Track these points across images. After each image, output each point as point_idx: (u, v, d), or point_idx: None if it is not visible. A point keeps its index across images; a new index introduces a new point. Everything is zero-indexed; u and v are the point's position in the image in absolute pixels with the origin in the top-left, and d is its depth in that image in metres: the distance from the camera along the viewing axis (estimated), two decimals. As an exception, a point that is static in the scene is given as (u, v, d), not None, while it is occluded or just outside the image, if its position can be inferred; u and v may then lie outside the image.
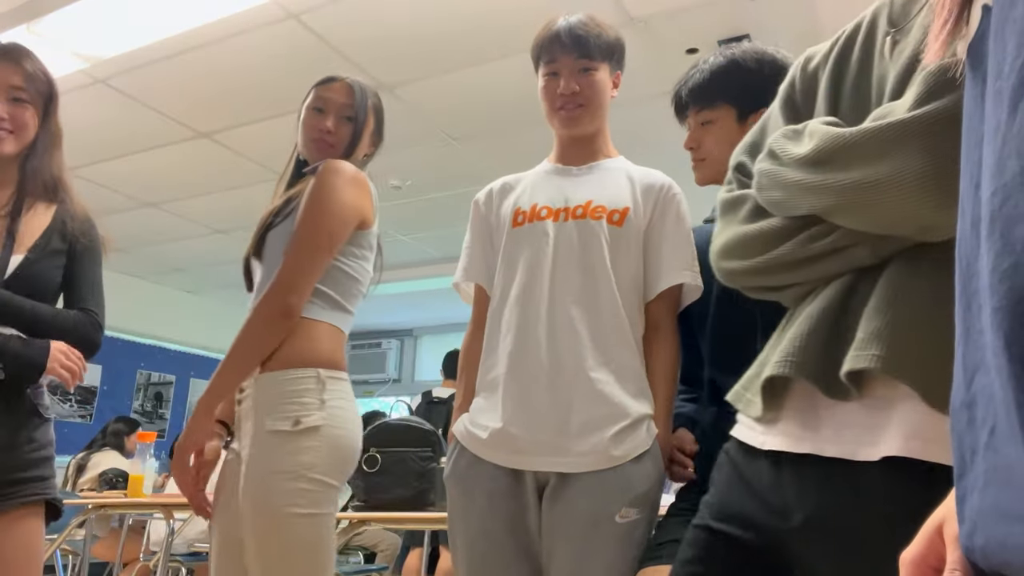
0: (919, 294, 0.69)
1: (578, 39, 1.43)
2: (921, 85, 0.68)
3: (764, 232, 0.79)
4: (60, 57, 3.43)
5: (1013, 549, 0.36)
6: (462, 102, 3.80)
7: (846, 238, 0.72)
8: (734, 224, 0.84)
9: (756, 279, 0.83)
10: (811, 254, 0.75)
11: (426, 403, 4.33)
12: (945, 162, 0.64)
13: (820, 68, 0.88)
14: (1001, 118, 0.37)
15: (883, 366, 0.67)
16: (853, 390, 0.70)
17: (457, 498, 1.37)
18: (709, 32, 3.08)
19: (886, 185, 0.67)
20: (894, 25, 0.80)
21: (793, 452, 0.75)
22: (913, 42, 0.75)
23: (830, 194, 0.71)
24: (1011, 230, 0.35)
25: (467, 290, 1.58)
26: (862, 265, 0.73)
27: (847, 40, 0.86)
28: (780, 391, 0.78)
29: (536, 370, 1.34)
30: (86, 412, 6.62)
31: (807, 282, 0.78)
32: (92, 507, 3.11)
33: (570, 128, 1.48)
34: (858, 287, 0.73)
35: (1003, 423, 0.37)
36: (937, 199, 0.65)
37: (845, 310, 0.73)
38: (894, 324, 0.68)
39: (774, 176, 0.78)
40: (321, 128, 1.63)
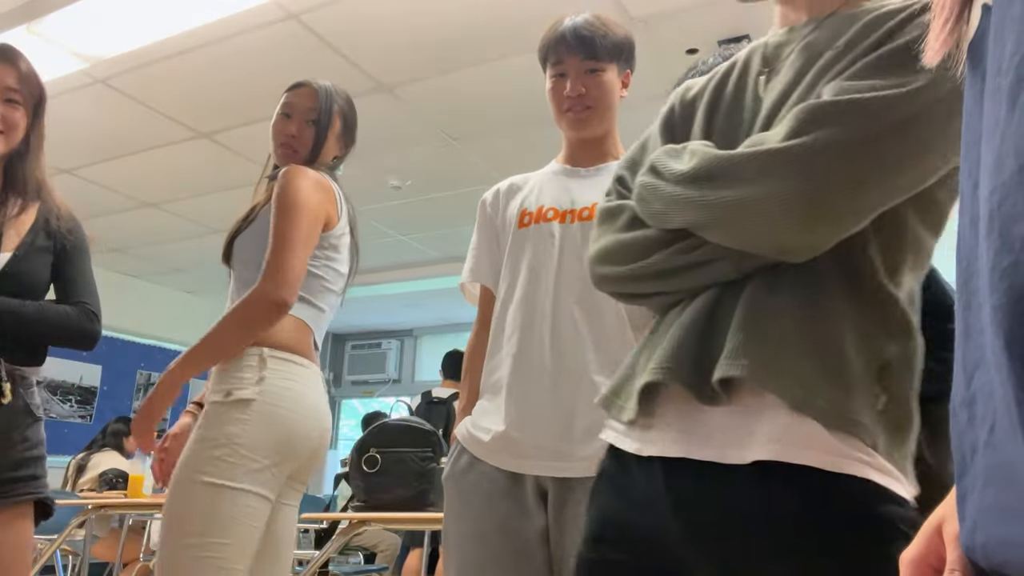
0: (781, 309, 0.75)
1: (583, 40, 1.41)
2: (792, 120, 0.74)
3: (638, 241, 0.84)
4: (60, 57, 3.43)
5: (1014, 548, 0.36)
6: (462, 102, 3.80)
7: (712, 252, 0.78)
8: (611, 232, 0.89)
9: (627, 286, 0.88)
10: (679, 265, 0.80)
11: (426, 403, 4.33)
12: (807, 191, 0.71)
13: (698, 98, 0.95)
14: (999, 116, 0.37)
15: (751, 375, 0.72)
16: (723, 396, 0.75)
17: (454, 499, 1.36)
18: (709, 32, 3.07)
19: (753, 206, 0.73)
20: (767, 65, 0.88)
21: (668, 457, 0.79)
22: (783, 81, 0.83)
23: (703, 210, 0.77)
24: (1010, 228, 0.35)
25: (473, 291, 1.57)
26: (726, 279, 0.79)
27: (724, 75, 0.94)
28: (653, 397, 0.82)
29: (539, 373, 1.33)
30: (86, 412, 6.61)
31: (674, 292, 0.84)
32: (92, 507, 3.11)
33: (578, 130, 1.47)
34: (723, 300, 0.79)
35: (1003, 421, 0.37)
36: (798, 224, 0.72)
37: (713, 321, 0.79)
38: (761, 336, 0.74)
39: (654, 189, 0.83)
40: (287, 133, 1.70)
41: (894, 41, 0.75)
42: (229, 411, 1.44)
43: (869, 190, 0.72)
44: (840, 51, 0.78)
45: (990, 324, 0.37)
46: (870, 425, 0.72)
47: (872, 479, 0.70)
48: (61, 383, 6.44)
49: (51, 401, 6.33)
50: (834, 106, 0.72)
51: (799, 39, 0.85)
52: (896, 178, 0.72)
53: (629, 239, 0.86)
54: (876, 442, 0.71)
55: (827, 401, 0.71)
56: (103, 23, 3.21)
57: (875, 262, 0.76)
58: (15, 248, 1.63)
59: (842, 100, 0.72)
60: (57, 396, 6.39)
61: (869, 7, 0.81)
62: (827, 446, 0.71)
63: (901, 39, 0.74)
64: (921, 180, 0.74)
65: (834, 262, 0.76)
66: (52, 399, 6.34)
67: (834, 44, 0.80)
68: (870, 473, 0.70)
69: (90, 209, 5.27)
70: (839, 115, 0.72)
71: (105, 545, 4.32)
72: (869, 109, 0.71)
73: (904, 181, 0.73)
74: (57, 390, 6.41)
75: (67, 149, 4.39)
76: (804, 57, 0.82)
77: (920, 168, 0.73)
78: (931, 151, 0.72)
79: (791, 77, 0.82)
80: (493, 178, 1.61)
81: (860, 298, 0.76)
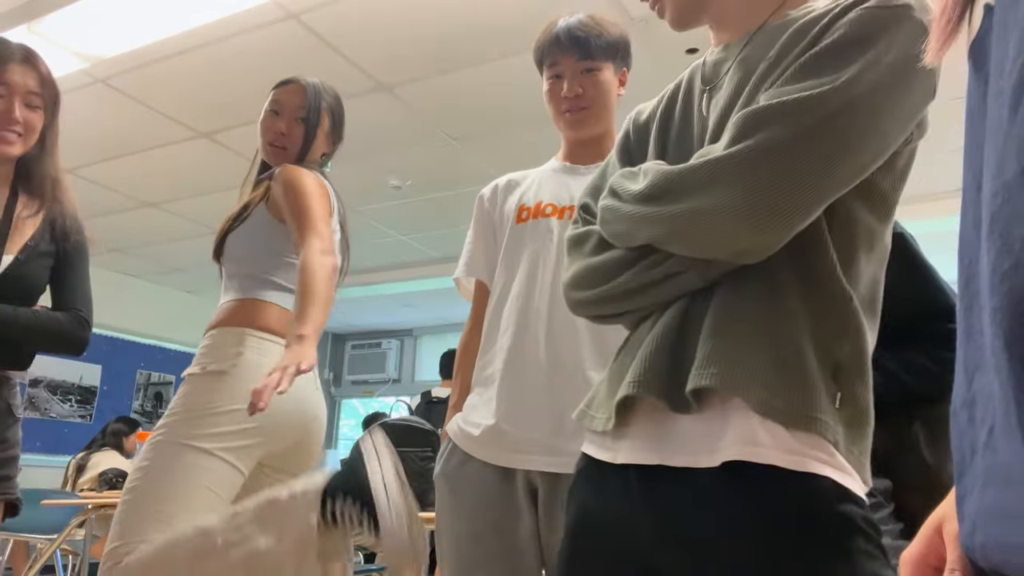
0: (745, 316, 0.79)
1: (578, 40, 1.41)
2: (732, 128, 0.78)
3: (606, 263, 0.88)
4: (60, 57, 3.43)
5: (1013, 548, 0.36)
6: (462, 102, 3.80)
7: (678, 264, 0.81)
8: (580, 258, 0.93)
9: (601, 307, 0.91)
10: (648, 281, 0.84)
11: (425, 403, 4.33)
12: (754, 193, 0.74)
13: (650, 120, 1.00)
14: (1002, 118, 0.37)
15: (722, 384, 0.76)
16: (695, 405, 0.79)
17: (446, 497, 1.36)
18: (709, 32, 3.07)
19: (705, 214, 0.76)
20: (707, 83, 0.92)
21: (643, 464, 0.82)
22: (724, 96, 0.87)
23: (662, 223, 0.80)
24: (1011, 230, 0.35)
25: (467, 286, 1.57)
26: (694, 288, 0.83)
27: (671, 97, 0.99)
28: (629, 409, 0.86)
29: (533, 368, 1.33)
30: (86, 412, 6.61)
31: (646, 307, 0.87)
32: (92, 507, 3.11)
33: (576, 131, 1.47)
34: (691, 310, 0.83)
35: (1002, 422, 0.37)
36: (750, 224, 0.75)
37: (683, 331, 0.82)
38: (728, 344, 0.78)
39: (615, 210, 0.87)
40: (276, 130, 1.71)
41: (821, 43, 0.78)
42: (203, 381, 1.49)
43: (812, 183, 0.75)
44: (773, 61, 0.82)
45: (990, 326, 0.37)
46: (831, 422, 0.75)
47: (831, 477, 0.73)
48: (61, 383, 6.43)
49: (51, 401, 6.33)
50: (768, 109, 0.76)
51: (734, 55, 0.89)
52: (837, 169, 0.75)
53: (597, 262, 0.89)
54: (837, 439, 0.75)
55: (786, 402, 0.75)
56: (103, 23, 3.21)
57: (831, 258, 0.79)
58: (18, 251, 1.63)
59: (776, 103, 0.76)
60: (57, 396, 6.39)
61: (795, 16, 0.85)
62: (788, 445, 0.74)
63: (827, 39, 0.78)
64: (862, 168, 0.77)
65: (792, 262, 0.79)
66: (52, 399, 6.34)
67: (767, 55, 0.83)
68: (829, 472, 0.73)
69: (90, 209, 5.27)
70: (774, 117, 0.75)
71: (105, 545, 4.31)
72: (802, 107, 0.75)
73: (845, 172, 0.76)
74: (57, 390, 6.41)
75: (67, 149, 4.36)
76: (741, 71, 0.86)
77: (859, 157, 0.76)
78: (867, 138, 0.75)
79: (731, 91, 0.86)
80: (493, 178, 1.61)
81: (814, 297, 0.79)
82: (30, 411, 6.16)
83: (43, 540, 3.86)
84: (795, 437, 0.74)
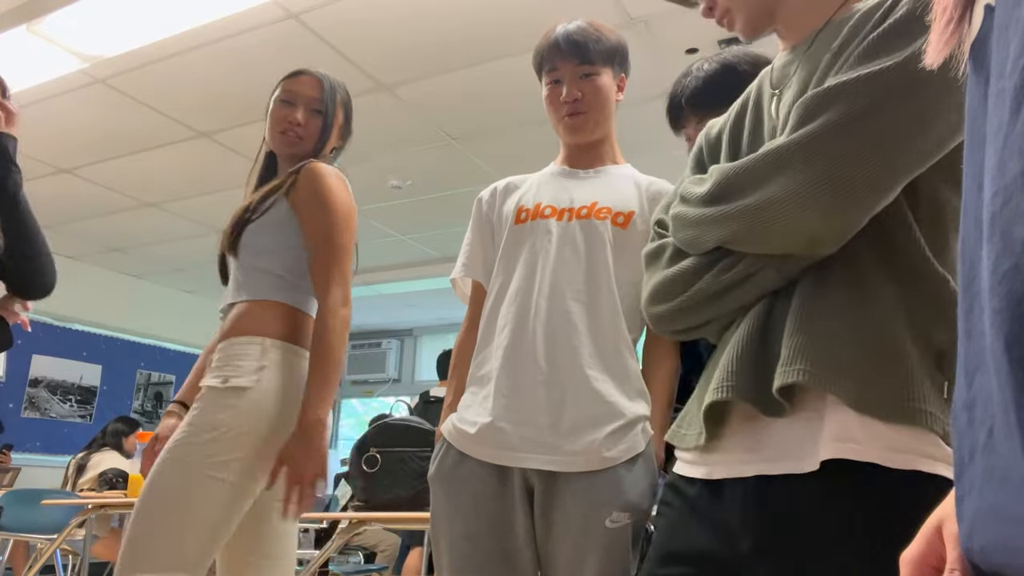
0: (830, 309, 0.75)
1: (576, 45, 1.42)
2: (795, 114, 0.76)
3: (683, 271, 0.86)
4: (60, 57, 3.43)
5: (1012, 550, 0.36)
6: (462, 102, 3.80)
7: (754, 264, 0.80)
8: (657, 271, 0.91)
9: (682, 319, 0.89)
10: (726, 284, 0.82)
11: (423, 403, 4.33)
12: (822, 175, 0.72)
13: (722, 132, 0.98)
14: (1003, 118, 0.37)
15: (810, 379, 0.73)
16: (786, 405, 0.76)
17: (441, 499, 1.35)
18: (709, 32, 3.07)
19: (774, 204, 0.74)
20: (777, 87, 0.91)
21: (739, 477, 0.79)
22: (793, 94, 0.85)
23: (730, 222, 0.79)
24: (1011, 231, 0.35)
25: (464, 287, 1.57)
26: (773, 288, 0.80)
27: (741, 107, 0.98)
28: (720, 419, 0.82)
29: (531, 365, 1.32)
30: (86, 412, 6.61)
31: (727, 314, 0.85)
32: (92, 507, 3.10)
33: (575, 135, 1.47)
34: (774, 310, 0.80)
35: (1001, 424, 0.37)
36: (820, 210, 0.72)
37: (766, 332, 0.80)
38: (814, 338, 0.74)
39: (683, 217, 0.86)
40: (290, 120, 1.66)
41: (881, 26, 0.76)
42: (224, 397, 1.45)
43: (880, 162, 0.72)
44: (835, 53, 0.81)
45: (990, 327, 0.37)
46: (938, 413, 0.70)
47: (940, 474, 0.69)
48: (61, 383, 6.43)
49: (51, 401, 6.33)
50: (828, 91, 0.75)
51: (801, 55, 0.88)
52: (905, 145, 0.72)
53: (674, 273, 0.87)
54: (946, 430, 0.70)
55: (883, 394, 0.71)
56: (103, 23, 3.21)
57: (919, 242, 0.76)
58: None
59: (834, 84, 0.75)
60: (57, 396, 6.39)
61: (858, 7, 0.83)
62: (889, 441, 0.70)
63: (887, 22, 0.76)
64: (936, 146, 0.73)
65: (877, 251, 0.76)
66: (52, 399, 6.34)
67: (831, 47, 0.82)
68: (937, 468, 0.69)
69: (90, 209, 5.28)
70: (834, 98, 0.74)
71: (105, 545, 4.31)
72: (863, 85, 0.73)
73: (915, 147, 0.73)
74: (57, 390, 6.41)
75: (67, 149, 4.39)
76: (808, 68, 0.85)
77: (928, 132, 0.73)
78: (936, 114, 0.72)
79: (799, 88, 0.84)
80: (493, 178, 1.61)
81: (909, 283, 0.75)
82: (30, 411, 6.15)
83: (43, 540, 3.86)
84: (896, 431, 0.70)
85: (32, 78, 3.60)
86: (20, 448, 5.85)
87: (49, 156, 4.46)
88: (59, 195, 4.94)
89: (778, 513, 0.75)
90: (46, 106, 3.88)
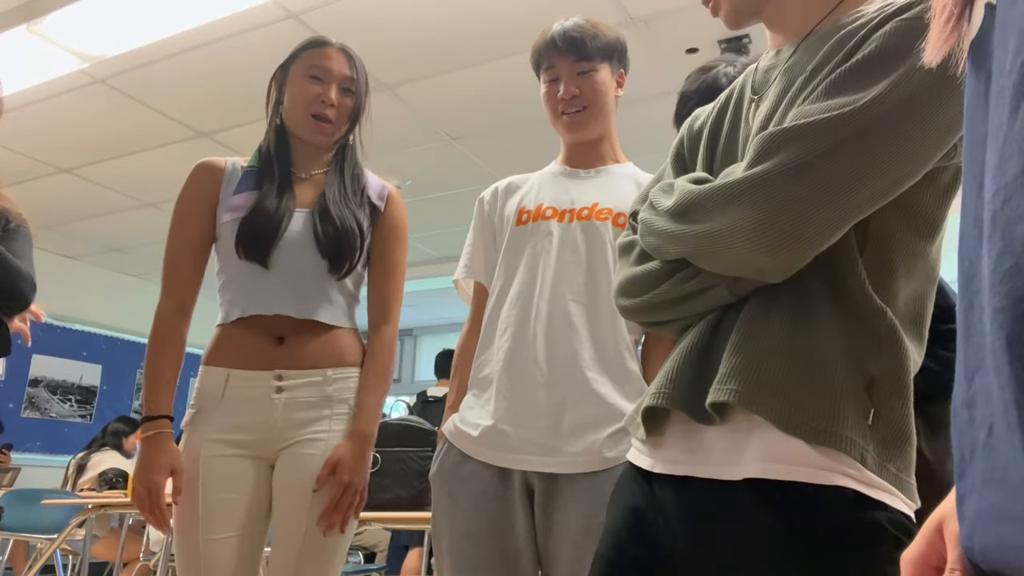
0: (770, 330, 0.79)
1: (573, 41, 1.41)
2: (751, 151, 0.78)
3: (648, 273, 0.89)
4: (60, 57, 3.43)
5: (1011, 550, 0.36)
6: (462, 102, 3.80)
7: (708, 279, 0.82)
8: (626, 266, 0.94)
9: (644, 315, 0.92)
10: (684, 293, 0.85)
11: (421, 402, 4.34)
12: (770, 215, 0.74)
13: (704, 127, 0.99)
14: (1003, 117, 0.37)
15: (739, 400, 0.76)
16: (717, 418, 0.80)
17: (442, 498, 1.35)
18: (709, 32, 3.08)
19: (725, 235, 0.77)
20: (756, 92, 0.92)
21: (674, 475, 0.84)
22: (766, 107, 0.86)
23: (687, 242, 0.81)
24: (1012, 230, 0.35)
25: (466, 288, 1.57)
26: (726, 303, 0.84)
27: (723, 104, 0.98)
28: (660, 418, 0.87)
29: (531, 367, 1.33)
30: (86, 412, 6.61)
31: (686, 318, 0.88)
32: (92, 507, 3.11)
33: (574, 133, 1.47)
34: (722, 323, 0.84)
35: (1001, 423, 0.37)
36: (768, 247, 0.74)
37: (710, 345, 0.83)
38: (750, 360, 0.78)
39: (649, 224, 0.88)
40: (325, 100, 1.53)
41: (854, 57, 0.77)
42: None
43: (828, 207, 0.73)
44: (808, 76, 0.81)
45: (990, 327, 0.37)
46: (858, 440, 0.73)
47: (857, 490, 0.72)
48: (61, 383, 6.44)
49: (51, 401, 6.33)
50: (786, 132, 0.75)
51: (783, 63, 0.89)
52: (857, 192, 0.74)
53: (639, 272, 0.90)
54: (864, 456, 0.73)
55: (812, 418, 0.74)
56: (103, 23, 3.21)
57: (860, 276, 0.78)
58: None
59: (794, 126, 0.75)
60: (57, 396, 6.39)
61: (844, 22, 0.83)
62: (811, 461, 0.73)
63: (861, 53, 0.76)
64: (886, 189, 0.75)
65: (822, 279, 0.78)
66: (52, 399, 6.34)
67: (806, 68, 0.83)
68: (855, 486, 0.72)
69: (90, 209, 5.28)
70: (792, 140, 0.75)
71: (105, 545, 4.32)
72: (821, 128, 0.73)
73: (864, 195, 0.74)
74: (57, 390, 6.41)
75: (67, 149, 4.39)
76: (784, 82, 0.86)
77: (881, 178, 0.74)
78: (890, 159, 0.73)
79: (772, 102, 0.86)
80: (493, 178, 1.60)
81: (847, 314, 0.78)
82: (30, 411, 6.15)
83: (43, 540, 3.86)
84: (819, 453, 0.73)
85: (32, 78, 3.60)
86: (20, 448, 5.85)
87: (49, 156, 4.46)
88: (59, 195, 4.94)
89: (704, 513, 0.80)
90: (46, 106, 3.88)
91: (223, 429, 1.46)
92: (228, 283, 1.54)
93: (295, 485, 1.43)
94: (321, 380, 1.48)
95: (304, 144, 1.61)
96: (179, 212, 1.60)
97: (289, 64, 1.60)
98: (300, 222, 1.52)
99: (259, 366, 1.47)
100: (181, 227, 1.59)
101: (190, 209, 1.60)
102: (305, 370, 1.48)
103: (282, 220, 1.50)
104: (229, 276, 1.53)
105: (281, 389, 1.46)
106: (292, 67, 1.58)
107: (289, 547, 1.41)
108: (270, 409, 1.45)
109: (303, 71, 1.56)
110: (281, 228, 1.50)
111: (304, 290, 1.51)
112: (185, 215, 1.60)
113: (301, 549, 1.41)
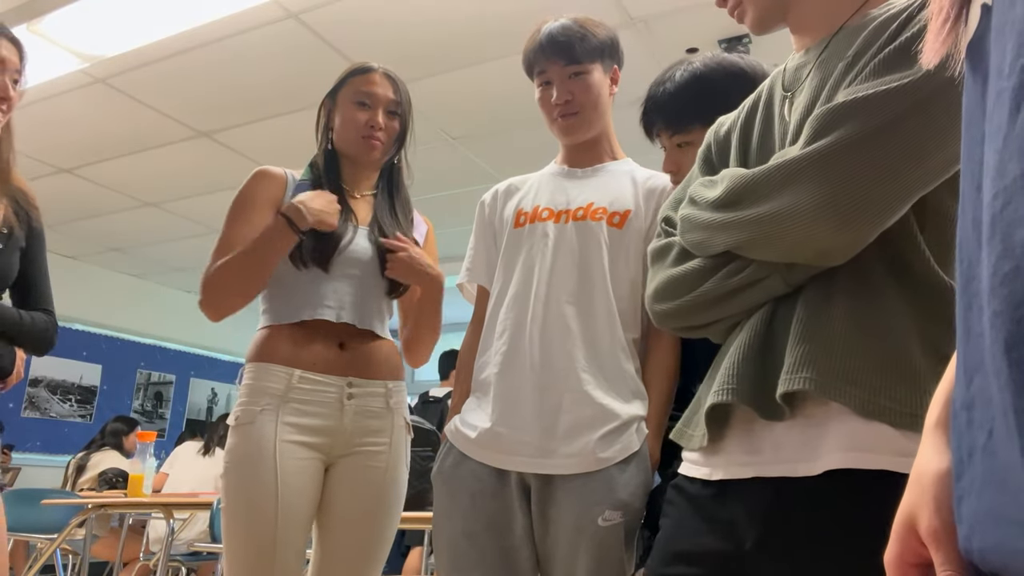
0: (835, 315, 0.76)
1: (561, 45, 1.40)
2: (809, 127, 0.76)
3: (689, 273, 0.87)
4: (60, 57, 3.43)
5: (1010, 553, 0.36)
6: (462, 102, 3.80)
7: (760, 271, 0.80)
8: (662, 269, 0.92)
9: (685, 318, 0.89)
10: (731, 288, 0.82)
11: (422, 402, 4.34)
12: (835, 191, 0.72)
13: (732, 131, 0.97)
14: (1002, 119, 0.37)
15: (815, 387, 0.73)
16: (787, 411, 0.77)
17: (442, 497, 1.37)
18: (709, 32, 3.07)
19: (785, 216, 0.75)
20: (788, 89, 0.91)
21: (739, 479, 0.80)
22: (805, 99, 0.85)
23: (740, 229, 0.79)
24: (1012, 234, 0.35)
25: (471, 291, 1.58)
26: (778, 294, 0.81)
27: (752, 106, 0.97)
28: (721, 420, 0.84)
29: (526, 370, 1.34)
30: (86, 412, 6.61)
31: (731, 316, 0.85)
32: (92, 507, 3.10)
33: (569, 136, 1.47)
34: (777, 315, 0.81)
35: (1000, 426, 0.37)
36: (831, 224, 0.73)
37: (769, 337, 0.81)
38: (819, 347, 0.75)
39: (693, 219, 0.86)
40: (373, 124, 1.62)
41: (896, 40, 0.76)
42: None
43: (893, 180, 0.72)
44: (850, 61, 0.80)
45: (990, 329, 0.37)
46: None
47: None
48: (61, 383, 6.44)
49: (51, 401, 6.34)
50: (845, 106, 0.74)
51: (815, 59, 0.87)
52: (919, 164, 0.72)
53: (680, 273, 0.88)
54: None
55: (894, 400, 0.71)
56: (103, 23, 3.21)
57: (924, 253, 0.76)
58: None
59: (852, 99, 0.74)
60: (57, 395, 6.39)
61: (875, 14, 0.83)
62: (898, 448, 0.70)
63: (903, 37, 0.76)
64: (948, 165, 0.73)
65: (884, 261, 0.76)
66: (52, 399, 6.34)
67: (845, 55, 0.82)
68: None
69: (90, 209, 5.28)
70: (851, 113, 0.73)
71: (105, 544, 4.32)
72: (881, 101, 0.72)
73: (929, 166, 0.73)
74: (57, 389, 6.41)
75: (67, 149, 4.39)
76: (821, 74, 0.84)
77: (943, 152, 0.72)
78: (950, 133, 0.72)
79: (811, 94, 0.84)
80: (493, 178, 1.61)
81: (915, 293, 0.75)
82: (30, 411, 6.15)
83: (43, 540, 3.85)
84: (905, 437, 0.70)
85: (32, 78, 3.59)
86: (20, 448, 5.85)
87: (49, 156, 4.46)
88: (59, 195, 4.94)
89: (775, 513, 0.76)
90: (46, 106, 3.87)
91: (296, 430, 1.49)
92: (282, 285, 1.56)
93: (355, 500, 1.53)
94: (384, 392, 1.59)
95: (354, 164, 1.68)
96: (242, 204, 1.60)
97: (336, 91, 1.67)
98: (363, 237, 1.62)
99: (331, 371, 1.53)
100: (243, 215, 1.58)
101: (257, 202, 1.59)
102: (371, 380, 1.58)
103: (347, 230, 1.58)
104: (283, 278, 1.56)
105: (352, 396, 1.54)
106: (339, 94, 1.66)
107: (344, 555, 1.52)
108: (341, 414, 1.52)
109: (350, 97, 1.63)
110: (347, 238, 1.58)
111: (366, 302, 1.60)
112: (249, 206, 1.59)
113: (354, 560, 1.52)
